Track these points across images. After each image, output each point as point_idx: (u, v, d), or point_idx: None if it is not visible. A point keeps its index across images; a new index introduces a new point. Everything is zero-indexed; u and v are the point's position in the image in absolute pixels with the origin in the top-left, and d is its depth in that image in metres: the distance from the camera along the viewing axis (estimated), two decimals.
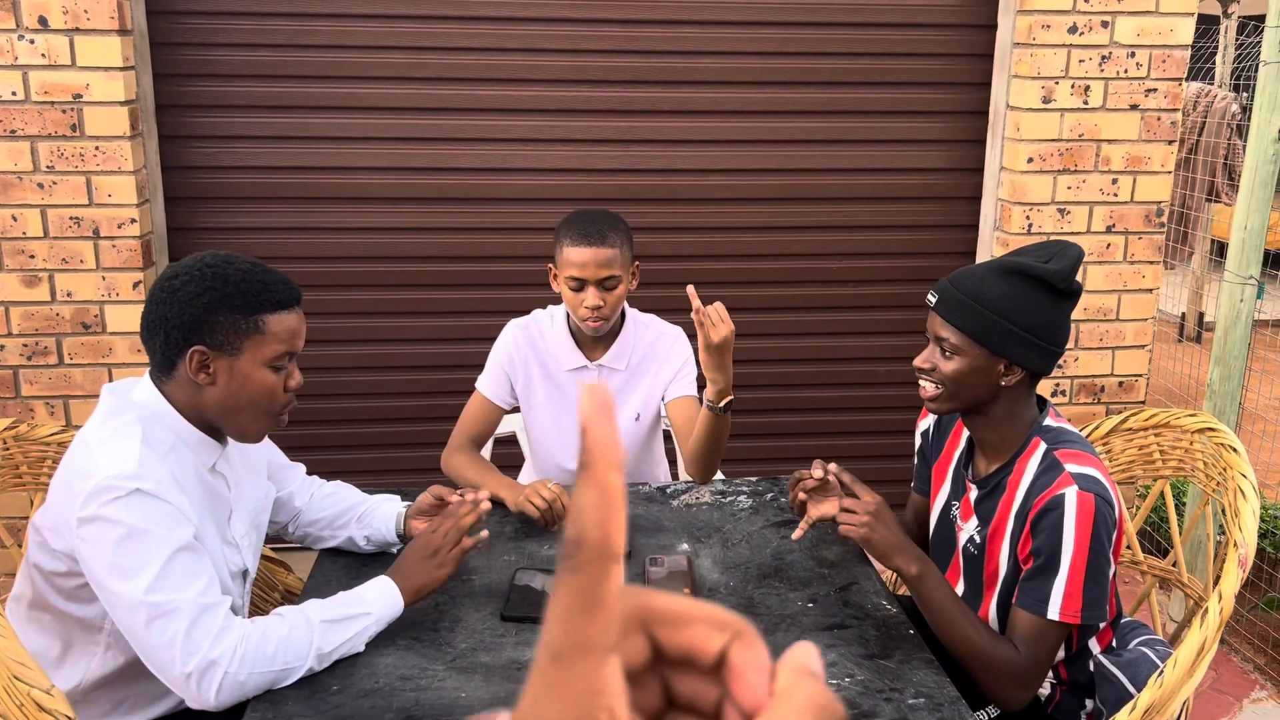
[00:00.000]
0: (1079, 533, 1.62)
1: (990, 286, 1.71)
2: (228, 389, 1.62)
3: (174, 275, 1.61)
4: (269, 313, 1.62)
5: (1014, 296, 1.70)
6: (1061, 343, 1.75)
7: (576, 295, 2.23)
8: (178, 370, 1.62)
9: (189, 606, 1.49)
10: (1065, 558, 1.63)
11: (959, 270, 1.79)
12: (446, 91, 3.22)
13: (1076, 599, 1.63)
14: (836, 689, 1.54)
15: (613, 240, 2.20)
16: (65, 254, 3.01)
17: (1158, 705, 1.59)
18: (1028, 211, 3.30)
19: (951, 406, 1.78)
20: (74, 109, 2.93)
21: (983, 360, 1.72)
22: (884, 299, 3.52)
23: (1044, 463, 1.72)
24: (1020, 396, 1.77)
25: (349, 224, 3.29)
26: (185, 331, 1.59)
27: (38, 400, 3.07)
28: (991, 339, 1.70)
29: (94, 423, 1.62)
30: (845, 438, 3.61)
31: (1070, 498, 1.63)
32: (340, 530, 2.00)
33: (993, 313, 1.70)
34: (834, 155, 3.39)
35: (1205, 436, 2.00)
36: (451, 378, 3.32)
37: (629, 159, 3.33)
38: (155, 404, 1.64)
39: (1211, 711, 2.89)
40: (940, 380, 1.76)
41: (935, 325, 1.76)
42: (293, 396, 1.69)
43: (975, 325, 1.70)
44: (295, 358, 1.69)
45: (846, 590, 1.85)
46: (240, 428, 1.67)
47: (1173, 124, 3.29)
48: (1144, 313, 3.43)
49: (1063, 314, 1.74)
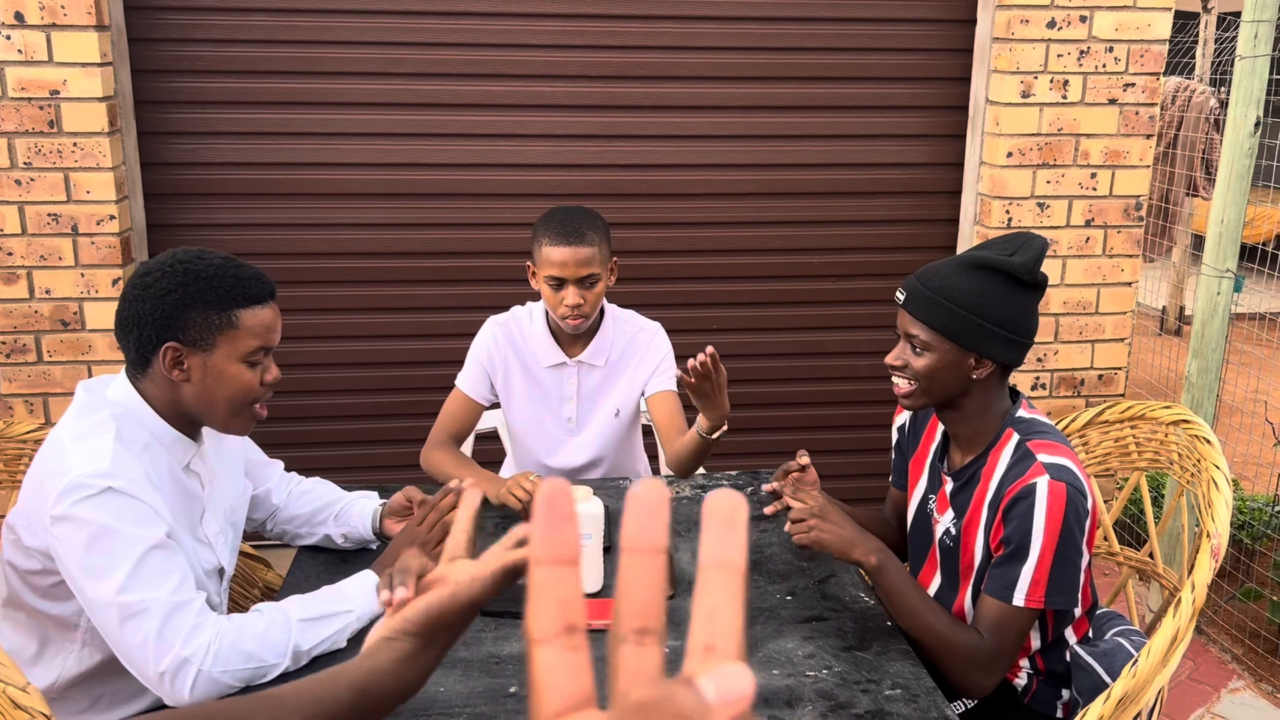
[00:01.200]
0: (1049, 521, 1.64)
1: (957, 282, 1.73)
2: (203, 385, 1.62)
3: (146, 272, 1.61)
4: (242, 308, 1.61)
5: (980, 291, 1.72)
6: (1030, 334, 1.77)
7: (556, 294, 2.23)
8: (153, 367, 1.61)
9: (161, 605, 1.49)
10: (1034, 546, 1.64)
11: (926, 267, 1.81)
12: (426, 87, 3.22)
13: (1042, 585, 1.65)
14: (814, 681, 1.55)
15: (591, 238, 2.20)
16: (44, 251, 3.00)
17: (1132, 694, 1.60)
18: (1007, 206, 3.32)
19: (925, 402, 1.80)
20: (51, 105, 2.91)
21: (953, 355, 1.73)
22: (864, 293, 3.53)
23: (1017, 453, 1.74)
24: (992, 389, 1.79)
25: (328, 220, 3.28)
26: (158, 328, 1.59)
27: (16, 398, 3.05)
28: (960, 334, 1.72)
29: (67, 420, 1.62)
30: (825, 432, 3.62)
31: (1041, 487, 1.65)
32: (318, 528, 1.99)
33: (960, 308, 1.71)
34: (814, 150, 3.40)
35: (1180, 428, 2.02)
36: (431, 373, 3.32)
37: (609, 155, 3.33)
38: (130, 402, 1.64)
39: (1190, 701, 2.91)
40: (913, 376, 1.77)
41: (904, 322, 1.78)
42: (269, 390, 1.69)
43: (944, 321, 1.72)
44: (271, 352, 1.69)
45: (825, 583, 1.86)
46: (219, 422, 1.67)
47: (1151, 118, 3.31)
48: (1123, 306, 3.45)
49: (1029, 305, 1.76)
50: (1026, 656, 1.85)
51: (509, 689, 1.52)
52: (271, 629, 1.56)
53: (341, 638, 1.63)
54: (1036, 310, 1.78)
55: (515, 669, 1.57)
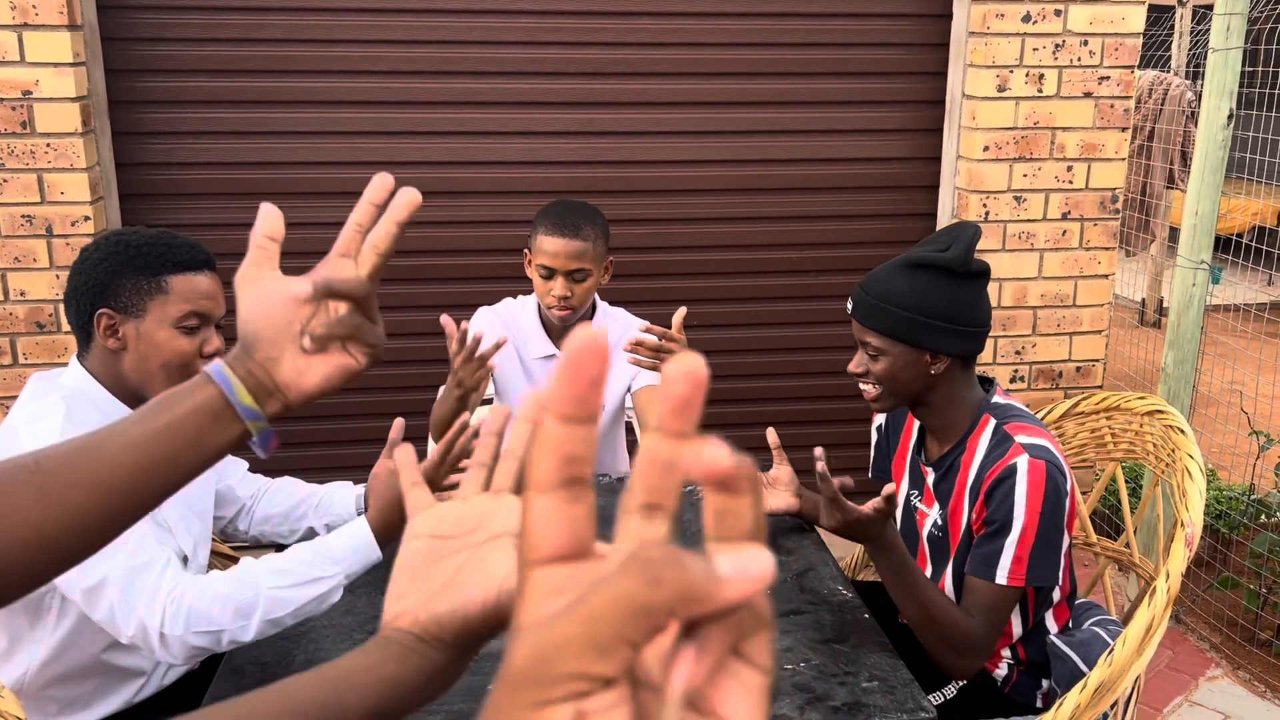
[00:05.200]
0: (1030, 499, 1.66)
1: (896, 285, 1.76)
2: (138, 353, 1.63)
3: (85, 249, 1.66)
4: (172, 273, 1.63)
5: (920, 290, 1.74)
6: (980, 322, 1.78)
7: (545, 283, 2.26)
8: (93, 340, 1.64)
9: (116, 573, 1.48)
10: (1016, 524, 1.66)
11: (869, 274, 1.84)
12: (403, 84, 3.21)
13: (1024, 563, 1.67)
14: (792, 674, 1.55)
15: (586, 233, 2.22)
16: (18, 253, 2.97)
17: (1108, 683, 1.62)
18: (985, 199, 3.33)
19: (894, 403, 1.84)
20: (23, 105, 2.89)
21: (907, 355, 1.76)
22: (843, 289, 3.54)
23: (995, 437, 1.77)
24: (956, 379, 1.81)
25: (306, 219, 3.26)
26: (92, 297, 1.62)
27: None
28: (909, 335, 1.75)
29: (18, 407, 1.63)
30: (805, 427, 3.63)
31: (1022, 466, 1.67)
32: (299, 523, 1.98)
33: (903, 309, 1.74)
34: (792, 146, 3.41)
35: (1155, 419, 2.04)
36: (411, 372, 3.31)
37: (587, 151, 3.33)
38: (82, 384, 1.65)
39: (1168, 690, 2.93)
40: (875, 381, 1.81)
41: (857, 331, 1.82)
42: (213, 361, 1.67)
43: (889, 325, 1.76)
44: (213, 323, 1.68)
45: (803, 576, 1.86)
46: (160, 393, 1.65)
47: (1126, 111, 3.33)
48: (1100, 298, 3.47)
49: (972, 294, 1.77)
50: (1008, 645, 1.86)
51: (488, 686, 1.51)
52: (239, 593, 1.50)
53: (323, 604, 1.56)
54: (984, 298, 1.79)
55: (493, 666, 1.56)
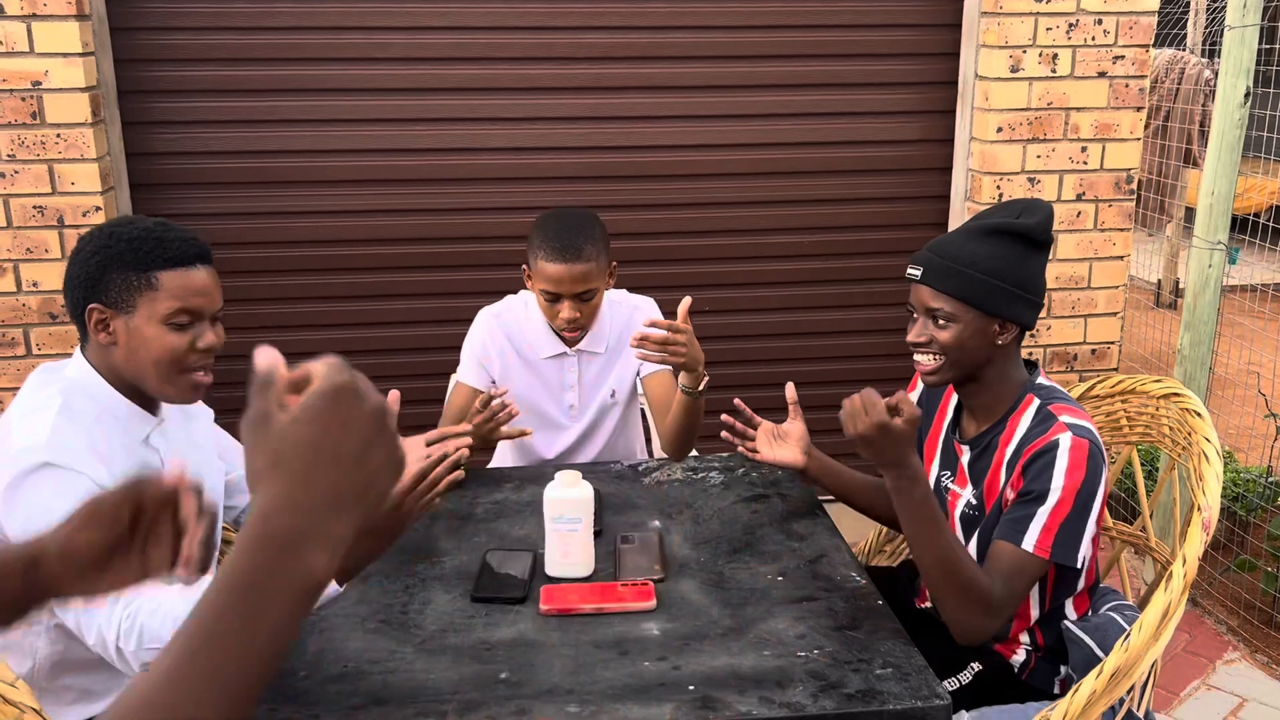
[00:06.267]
0: (1070, 475, 1.65)
1: (974, 249, 1.74)
2: (129, 348, 1.62)
3: (81, 239, 1.65)
4: (161, 269, 1.61)
5: (999, 255, 1.73)
6: (1043, 294, 1.80)
7: (552, 306, 2.20)
8: (88, 332, 1.63)
9: None
10: (1052, 496, 1.65)
11: (935, 240, 1.81)
12: (412, 71, 3.19)
13: (1051, 534, 1.65)
14: (805, 661, 1.54)
15: (589, 253, 2.15)
16: (30, 244, 2.98)
17: (1124, 668, 1.60)
18: (998, 181, 3.30)
19: (952, 375, 1.80)
20: (33, 96, 2.89)
21: (978, 323, 1.74)
22: (857, 272, 3.52)
23: (1038, 416, 1.75)
24: (1011, 356, 1.81)
25: (315, 207, 3.26)
26: (84, 291, 1.60)
27: (6, 392, 3.04)
28: (985, 300, 1.73)
29: (16, 401, 1.63)
30: (819, 412, 3.61)
31: (1065, 442, 1.66)
32: None
33: (982, 273, 1.73)
34: (803, 129, 3.38)
35: (1171, 402, 2.01)
36: (423, 360, 3.31)
37: (597, 136, 3.31)
38: (84, 377, 1.64)
39: (1185, 673, 2.92)
40: (940, 350, 1.77)
41: (924, 297, 1.77)
42: (208, 357, 1.67)
43: (967, 289, 1.73)
44: (208, 316, 1.66)
45: (816, 563, 1.85)
46: (154, 388, 1.66)
47: (1141, 90, 3.29)
48: (1115, 280, 3.44)
49: (1042, 266, 1.79)
50: (1025, 630, 1.85)
51: (499, 675, 1.52)
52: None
53: None
54: (1045, 271, 1.81)
55: (506, 655, 1.57)
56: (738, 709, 1.43)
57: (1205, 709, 2.78)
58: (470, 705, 1.44)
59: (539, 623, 1.66)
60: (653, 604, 1.69)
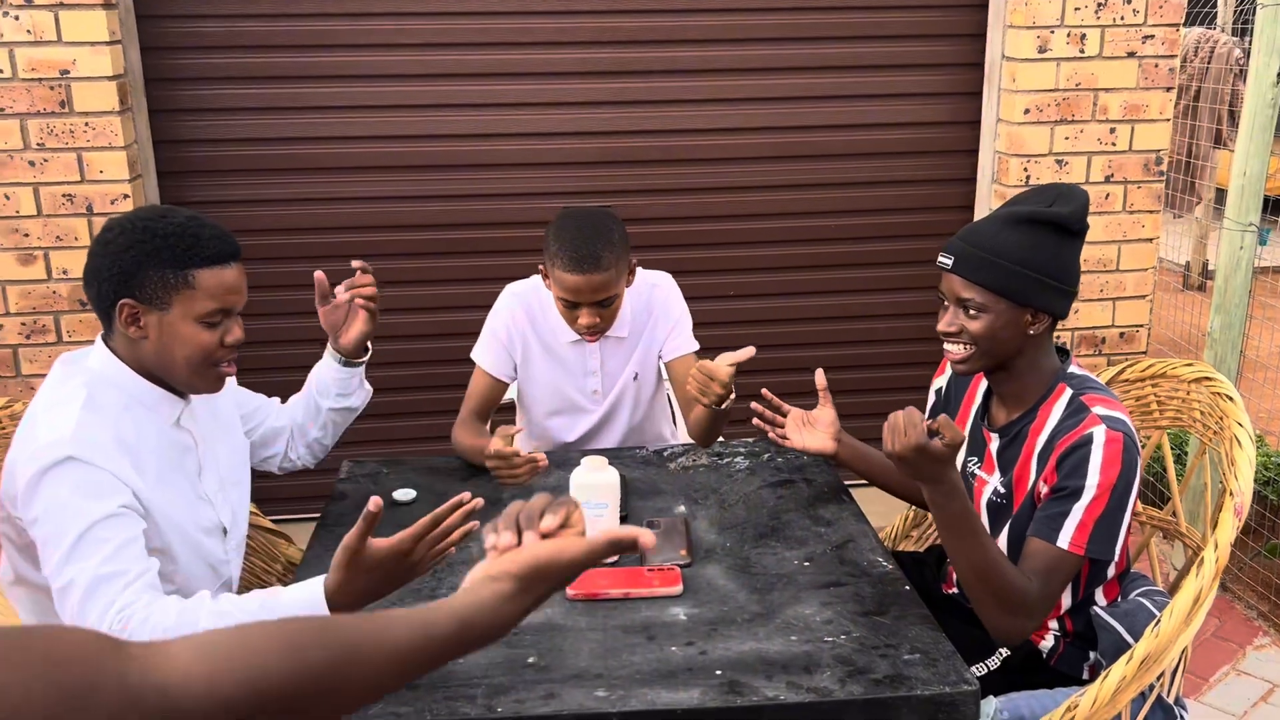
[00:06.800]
0: (1105, 470, 1.63)
1: (1006, 238, 1.71)
2: (160, 343, 1.62)
3: (109, 228, 1.62)
4: (199, 268, 1.60)
5: (1031, 245, 1.71)
6: (1076, 282, 1.77)
7: (570, 312, 2.17)
8: (114, 324, 1.62)
9: (84, 578, 1.46)
10: (1087, 493, 1.63)
11: (966, 228, 1.79)
12: (436, 57, 3.20)
13: (1086, 531, 1.63)
14: (832, 646, 1.54)
15: (607, 261, 2.09)
16: (59, 231, 3.01)
17: (1155, 654, 1.59)
18: (1025, 163, 3.27)
19: (983, 365, 1.78)
20: (62, 85, 2.91)
21: (1009, 313, 1.72)
22: (882, 255, 3.50)
23: (1070, 407, 1.73)
24: (1043, 345, 1.78)
25: (342, 194, 3.27)
26: (115, 284, 1.59)
27: (38, 378, 3.08)
28: (1017, 290, 1.70)
29: (40, 393, 1.63)
30: (844, 396, 3.59)
31: (1099, 436, 1.64)
32: (318, 416, 2.05)
33: (1014, 264, 1.70)
34: (828, 112, 3.36)
35: (1202, 386, 1.99)
36: (447, 346, 3.32)
37: (621, 121, 3.30)
38: (108, 367, 1.64)
39: (1215, 659, 2.90)
40: (970, 340, 1.75)
41: (955, 287, 1.75)
42: (234, 351, 1.68)
43: (998, 280, 1.70)
44: (235, 313, 1.67)
45: (843, 548, 1.85)
46: (182, 381, 1.66)
47: (1171, 70, 3.25)
48: (1144, 263, 3.40)
49: (1076, 254, 1.76)
50: (1055, 617, 1.84)
51: (527, 659, 1.52)
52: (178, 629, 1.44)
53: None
54: (1079, 258, 1.78)
55: (533, 640, 1.58)
56: (765, 694, 1.43)
57: (1235, 694, 2.76)
58: (499, 689, 1.45)
59: (566, 607, 1.67)
60: (679, 589, 1.70)
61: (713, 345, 2.44)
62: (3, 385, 3.07)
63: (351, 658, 0.78)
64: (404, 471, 2.22)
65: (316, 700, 0.75)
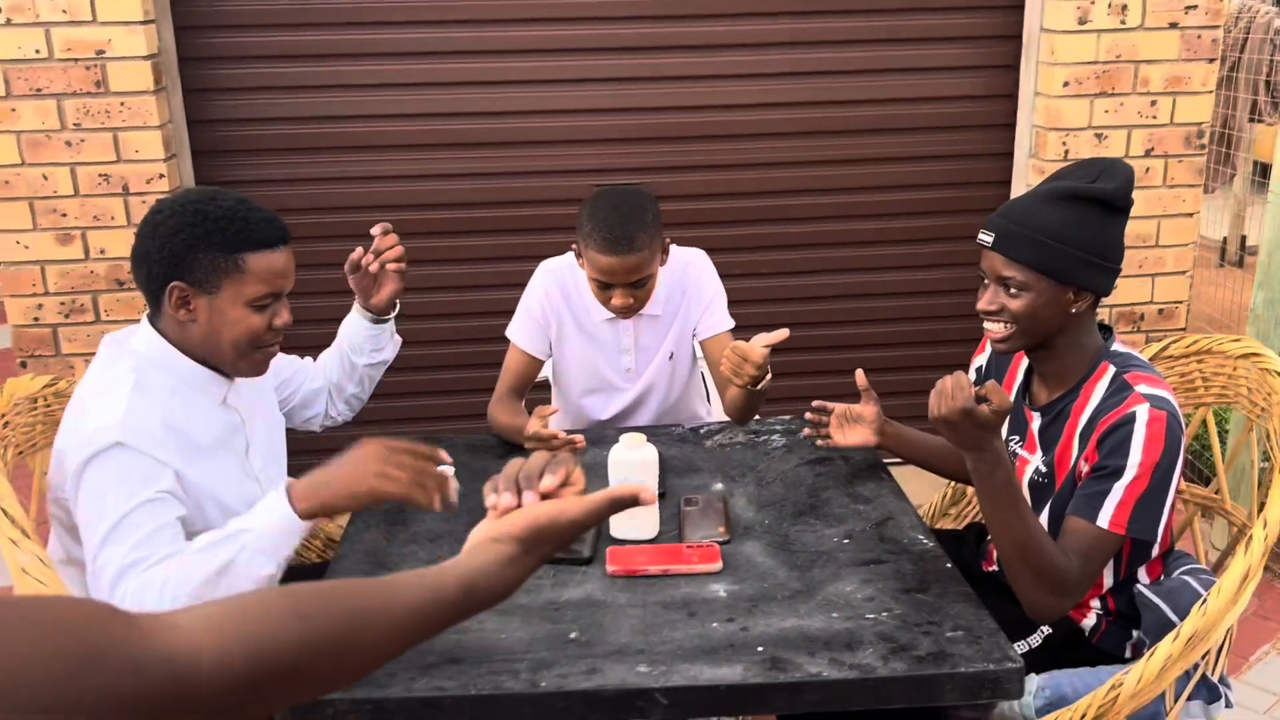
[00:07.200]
0: (1147, 450, 1.60)
1: (1048, 215, 1.68)
2: (209, 326, 1.63)
3: (159, 210, 1.62)
4: (250, 251, 1.61)
5: (1074, 222, 1.67)
6: (1121, 259, 1.74)
7: (603, 292, 2.16)
8: (163, 306, 1.63)
9: (114, 564, 1.47)
10: (1129, 472, 1.61)
11: (1007, 205, 1.76)
12: (470, 34, 3.18)
13: (1127, 510, 1.61)
14: (874, 624, 1.54)
15: (641, 242, 2.08)
16: (96, 211, 3.03)
17: (1201, 633, 1.58)
18: (1064, 137, 3.23)
19: (1023, 344, 1.76)
20: (97, 65, 2.92)
21: (1051, 291, 1.69)
22: (917, 232, 3.47)
23: (1113, 385, 1.70)
24: (1085, 323, 1.76)
25: (376, 173, 3.28)
26: (165, 267, 1.59)
27: (77, 357, 3.11)
28: (1059, 269, 1.67)
29: (89, 376, 1.64)
30: (880, 374, 3.56)
31: (1141, 414, 1.62)
32: (353, 373, 2.08)
33: (1056, 242, 1.67)
34: (862, 86, 3.33)
35: (1249, 362, 1.97)
36: (482, 324, 3.32)
37: (653, 97, 3.28)
38: (155, 349, 1.65)
39: (1255, 638, 2.87)
40: (1011, 319, 1.72)
41: (995, 265, 1.72)
42: (280, 334, 1.69)
43: (1040, 258, 1.67)
44: (283, 297, 1.68)
45: (882, 525, 1.84)
46: (228, 364, 1.68)
47: (1214, 41, 3.19)
48: (1184, 238, 3.35)
49: (1119, 231, 1.73)
50: (1097, 596, 1.82)
51: (569, 634, 1.53)
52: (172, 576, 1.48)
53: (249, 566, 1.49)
54: (1123, 235, 1.74)
55: (575, 615, 1.58)
56: (808, 670, 1.43)
57: (1275, 673, 2.73)
58: (542, 664, 1.45)
59: (606, 584, 1.67)
60: (719, 566, 1.69)
61: (747, 324, 2.43)
62: (44, 364, 3.11)
63: (359, 623, 0.78)
64: (443, 448, 2.21)
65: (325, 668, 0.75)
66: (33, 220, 3.01)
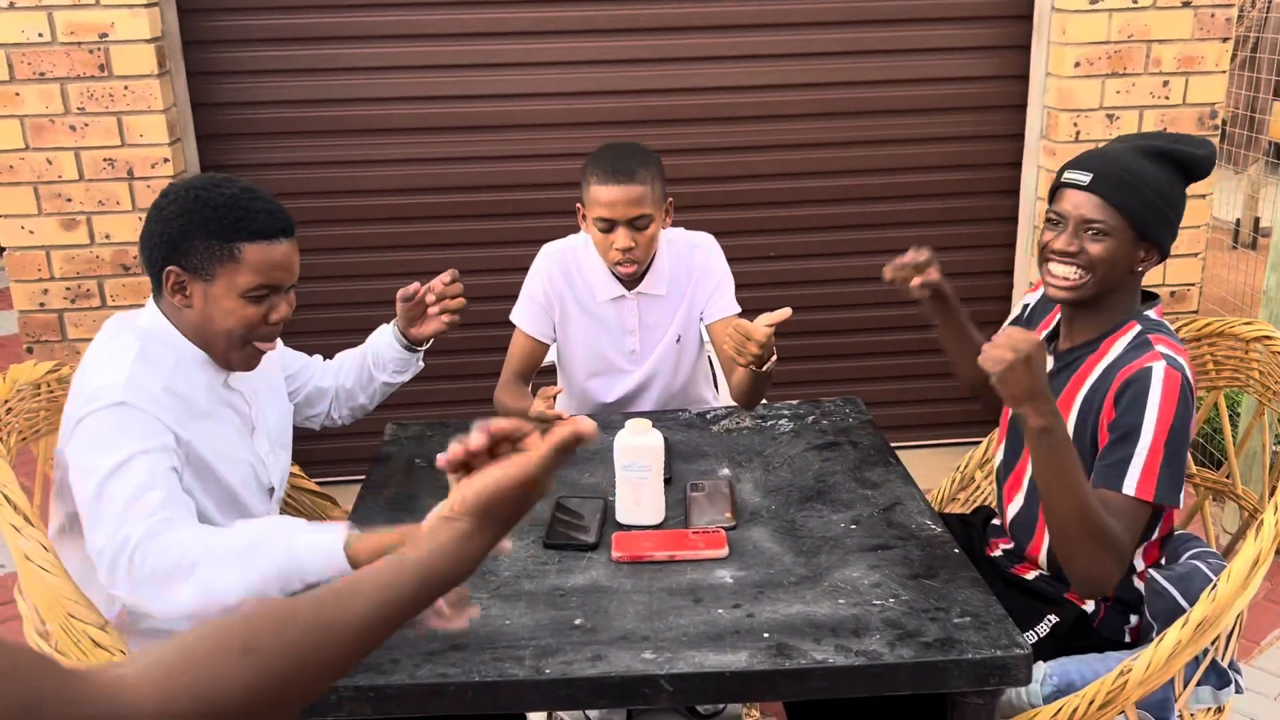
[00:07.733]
0: (1162, 409, 1.58)
1: (1145, 167, 1.66)
2: (203, 314, 1.62)
3: (165, 194, 1.63)
4: (246, 241, 1.59)
5: (1166, 179, 1.67)
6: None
7: (606, 237, 2.17)
8: (163, 290, 1.64)
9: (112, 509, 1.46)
10: (1146, 434, 1.58)
11: (1096, 150, 1.72)
12: (473, 16, 3.16)
13: (1153, 476, 1.58)
14: (881, 609, 1.52)
15: (642, 176, 2.11)
16: (101, 195, 3.02)
17: (1211, 618, 1.56)
18: (1075, 118, 3.20)
19: (1091, 293, 1.70)
20: (101, 49, 2.91)
21: (1130, 244, 1.67)
22: (929, 214, 3.44)
23: (1134, 341, 1.69)
24: (1136, 287, 1.74)
25: (380, 156, 3.26)
26: (164, 251, 1.60)
27: (83, 342, 3.11)
28: (1148, 220, 1.66)
29: (93, 347, 1.65)
30: (889, 358, 3.56)
31: (1157, 371, 1.60)
32: (368, 386, 2.07)
33: (1154, 194, 1.65)
34: (871, 67, 3.29)
35: (1262, 345, 1.94)
36: (486, 309, 3.30)
37: (660, 79, 3.26)
38: (159, 327, 1.65)
39: (1264, 623, 2.86)
40: (1087, 264, 1.67)
41: (1084, 207, 1.67)
42: (278, 328, 1.68)
43: (1136, 205, 1.65)
44: (282, 290, 1.66)
45: (890, 511, 1.83)
46: (218, 355, 1.67)
47: (1228, 20, 3.14)
48: (1196, 219, 3.32)
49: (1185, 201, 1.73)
50: None
51: (574, 621, 1.52)
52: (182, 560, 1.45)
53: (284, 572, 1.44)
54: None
55: (580, 601, 1.57)
56: (814, 657, 1.42)
57: None
58: (546, 650, 1.45)
59: (611, 570, 1.66)
60: (725, 551, 1.68)
61: (754, 307, 2.41)
62: (50, 349, 3.11)
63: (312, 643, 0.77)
64: (448, 434, 2.21)
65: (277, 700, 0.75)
66: (38, 205, 3.00)
